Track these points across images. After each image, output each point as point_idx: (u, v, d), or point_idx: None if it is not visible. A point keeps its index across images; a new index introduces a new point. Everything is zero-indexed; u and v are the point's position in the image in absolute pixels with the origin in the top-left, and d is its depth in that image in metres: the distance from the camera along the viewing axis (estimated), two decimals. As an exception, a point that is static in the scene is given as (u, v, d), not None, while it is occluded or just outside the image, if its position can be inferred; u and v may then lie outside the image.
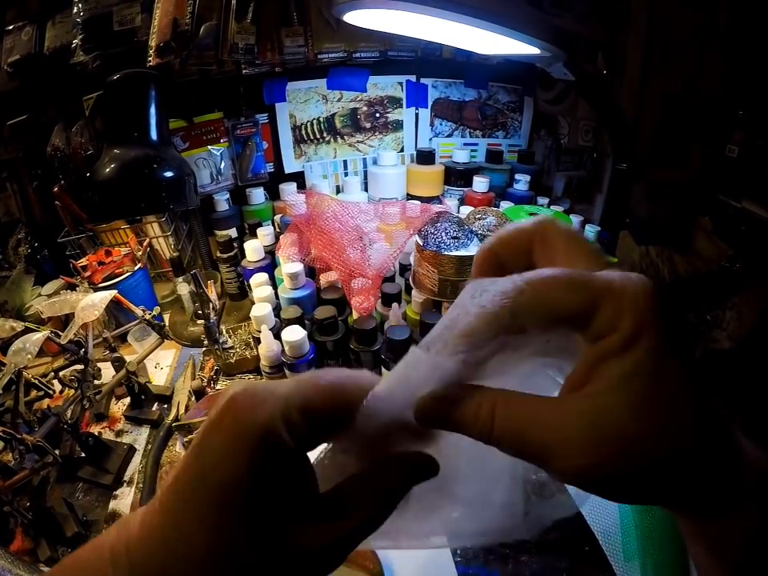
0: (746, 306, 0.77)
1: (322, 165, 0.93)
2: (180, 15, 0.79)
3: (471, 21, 0.56)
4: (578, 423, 0.16)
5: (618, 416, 0.16)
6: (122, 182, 0.63)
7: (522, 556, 0.51)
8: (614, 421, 0.16)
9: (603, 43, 0.89)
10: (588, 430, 0.16)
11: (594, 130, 0.92)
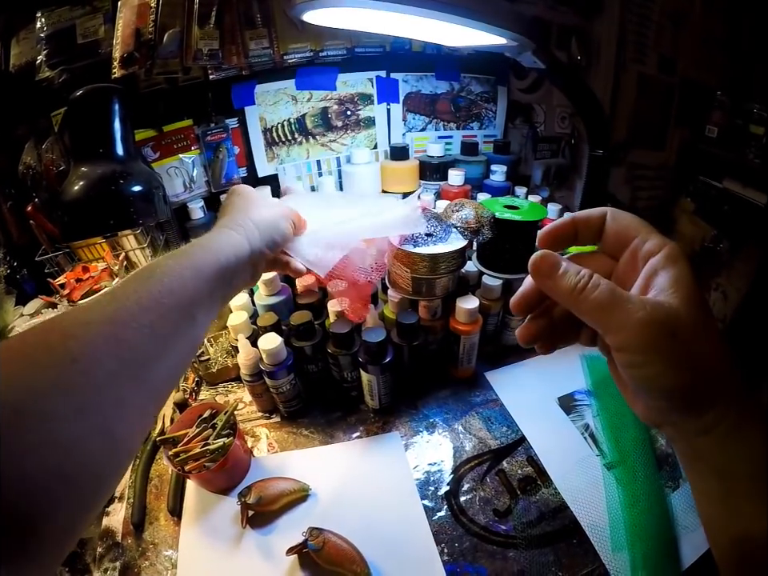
0: (730, 286, 0.76)
1: (295, 166, 0.92)
2: (142, 24, 0.78)
3: (433, 14, 0.55)
4: (643, 311, 0.22)
5: (669, 305, 0.22)
6: (90, 200, 0.62)
7: (510, 551, 0.51)
8: (666, 308, 0.22)
9: (576, 29, 0.88)
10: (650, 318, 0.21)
11: (570, 116, 0.91)
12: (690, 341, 0.21)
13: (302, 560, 0.51)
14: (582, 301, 0.23)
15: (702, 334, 0.22)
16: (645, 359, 0.22)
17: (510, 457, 0.60)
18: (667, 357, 0.21)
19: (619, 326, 0.22)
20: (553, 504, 0.55)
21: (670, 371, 0.22)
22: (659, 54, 0.84)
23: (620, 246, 0.26)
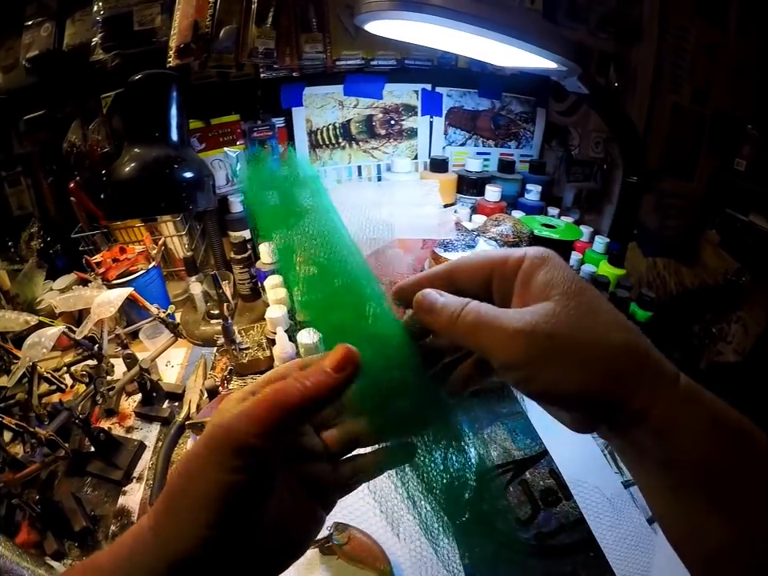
0: (751, 319, 0.78)
1: (336, 170, 0.94)
2: (200, 17, 0.80)
3: (490, 34, 0.57)
4: (514, 323, 0.20)
5: (540, 308, 0.21)
6: (142, 181, 0.63)
7: (530, 560, 0.52)
8: (537, 312, 0.20)
9: (615, 56, 0.91)
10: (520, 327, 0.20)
11: (605, 141, 0.93)
12: (572, 337, 0.20)
13: (324, 554, 0.52)
14: (457, 328, 0.22)
15: (588, 326, 0.20)
16: (529, 372, 0.20)
17: (533, 468, 0.62)
18: (551, 362, 0.20)
19: (494, 344, 0.21)
20: (572, 517, 0.56)
21: (561, 376, 0.20)
22: (693, 84, 0.86)
23: (483, 284, 0.24)
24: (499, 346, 0.20)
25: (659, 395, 0.20)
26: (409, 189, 0.71)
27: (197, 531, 0.19)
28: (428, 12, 0.53)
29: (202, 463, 0.20)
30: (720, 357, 0.80)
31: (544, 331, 0.20)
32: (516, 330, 0.20)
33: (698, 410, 0.20)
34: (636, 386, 0.20)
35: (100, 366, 0.64)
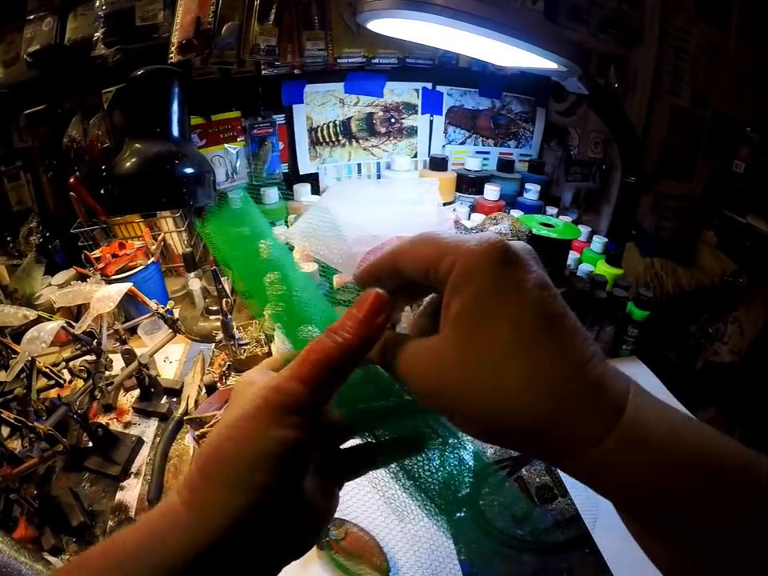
0: (747, 320, 0.78)
1: (336, 167, 0.94)
2: (203, 14, 0.80)
3: (491, 34, 0.57)
4: (421, 356, 0.19)
5: (444, 348, 0.19)
6: (143, 176, 0.64)
7: (525, 556, 0.52)
8: (440, 352, 0.19)
9: (615, 57, 0.91)
10: (426, 361, 0.19)
11: (604, 142, 0.94)
12: (462, 364, 0.18)
13: (321, 549, 0.53)
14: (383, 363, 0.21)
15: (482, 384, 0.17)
16: (437, 406, 0.19)
17: (529, 465, 0.62)
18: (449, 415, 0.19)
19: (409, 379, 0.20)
20: (568, 514, 0.57)
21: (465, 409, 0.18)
22: (693, 86, 0.87)
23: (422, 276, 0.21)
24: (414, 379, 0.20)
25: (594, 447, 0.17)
26: (408, 187, 0.71)
27: (247, 495, 0.18)
28: (430, 11, 0.54)
29: (256, 424, 0.19)
30: (716, 357, 0.81)
31: (435, 365, 0.19)
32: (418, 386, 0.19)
33: (645, 449, 0.17)
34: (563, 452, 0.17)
35: (98, 362, 0.64)
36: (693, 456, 0.16)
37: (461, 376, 0.18)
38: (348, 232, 0.62)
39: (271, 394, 0.19)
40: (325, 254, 0.62)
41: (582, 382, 0.17)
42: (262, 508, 0.19)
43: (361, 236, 0.63)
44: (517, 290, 0.18)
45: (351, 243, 0.63)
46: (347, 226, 0.63)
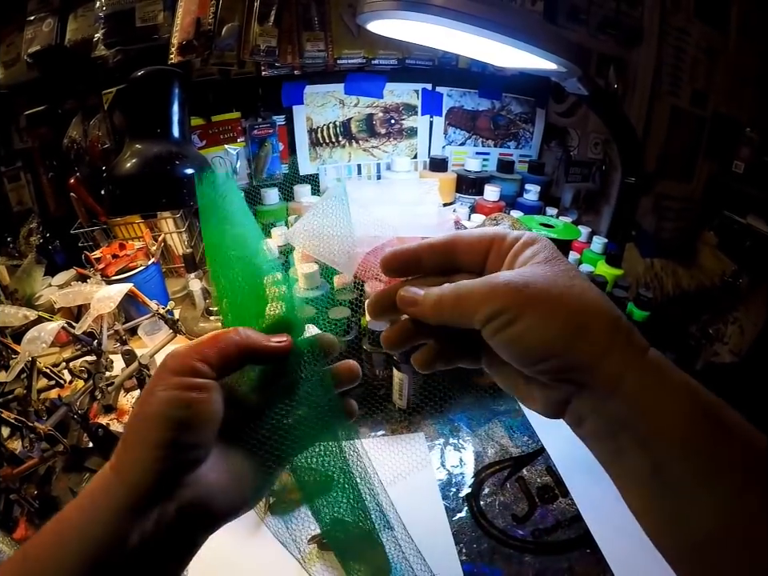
0: (747, 320, 0.78)
1: (336, 168, 0.94)
2: (203, 15, 0.81)
3: (491, 35, 0.57)
4: (492, 281, 0.22)
5: (516, 270, 0.22)
6: (144, 177, 0.64)
7: (526, 556, 0.52)
8: (512, 272, 0.22)
9: (615, 58, 0.92)
10: (498, 282, 0.22)
11: (604, 143, 0.94)
12: (549, 289, 0.21)
13: (322, 549, 0.52)
14: (443, 308, 0.23)
15: (563, 285, 0.21)
16: (506, 318, 0.21)
17: (530, 465, 0.62)
18: (527, 308, 0.20)
19: (474, 306, 0.22)
20: (569, 513, 0.57)
21: (536, 321, 0.20)
22: (693, 86, 0.87)
23: (481, 256, 0.26)
24: (481, 303, 0.22)
25: (632, 362, 0.20)
26: (408, 188, 0.71)
27: (152, 451, 0.21)
28: (430, 12, 0.54)
29: (154, 388, 0.22)
30: (716, 357, 0.81)
31: (519, 282, 0.21)
32: (493, 285, 0.22)
33: (672, 381, 0.19)
34: (607, 347, 0.20)
35: (99, 362, 0.64)
36: (708, 399, 0.19)
37: (548, 280, 0.21)
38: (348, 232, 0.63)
39: (166, 358, 0.23)
40: (325, 254, 0.62)
41: (623, 316, 0.21)
42: (168, 462, 0.21)
43: (360, 237, 0.63)
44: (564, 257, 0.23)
45: (351, 244, 0.63)
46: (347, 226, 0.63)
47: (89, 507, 0.21)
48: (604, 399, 0.20)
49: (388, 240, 0.66)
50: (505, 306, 0.21)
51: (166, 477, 0.21)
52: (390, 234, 0.64)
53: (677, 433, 0.19)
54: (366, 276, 0.64)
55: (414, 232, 0.66)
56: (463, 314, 0.22)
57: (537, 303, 0.20)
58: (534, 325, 0.20)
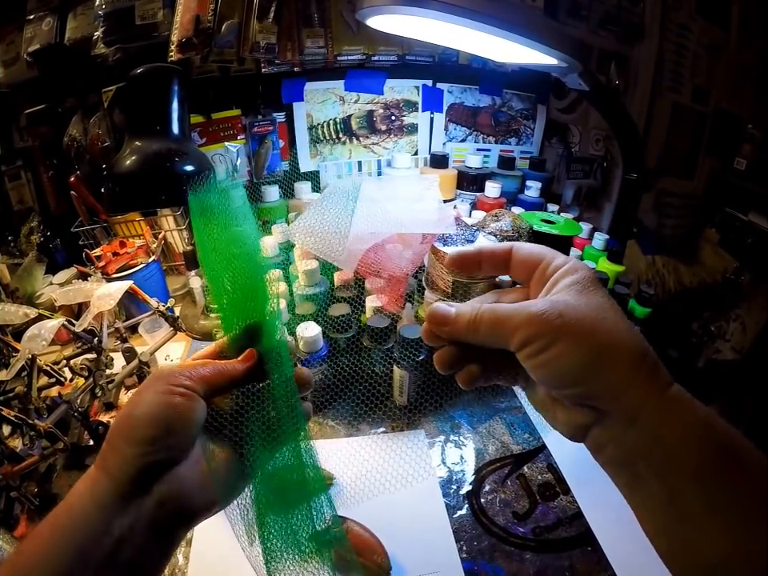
0: (749, 317, 0.78)
1: (336, 165, 0.94)
2: (202, 12, 0.80)
3: (492, 30, 0.57)
4: (529, 308, 0.23)
5: (555, 297, 0.24)
6: (143, 174, 0.63)
7: (527, 554, 0.52)
8: (551, 299, 0.23)
9: (616, 54, 0.91)
10: (536, 310, 0.23)
11: (605, 139, 0.94)
12: (581, 320, 0.22)
13: (323, 547, 0.52)
14: (479, 329, 0.24)
15: (598, 315, 0.22)
16: (539, 345, 0.22)
17: (531, 463, 0.62)
18: (559, 337, 0.22)
19: (512, 330, 0.23)
20: (570, 511, 0.56)
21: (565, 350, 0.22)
22: (694, 83, 0.86)
23: (528, 273, 0.27)
24: (517, 329, 0.23)
25: (652, 395, 0.21)
26: (409, 184, 0.71)
27: (138, 446, 0.23)
28: (430, 7, 0.53)
29: (143, 393, 0.25)
30: (718, 355, 0.80)
31: (555, 311, 0.22)
32: (531, 313, 0.23)
33: (691, 415, 0.21)
34: (630, 379, 0.21)
35: (99, 360, 0.64)
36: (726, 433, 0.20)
37: (582, 313, 0.22)
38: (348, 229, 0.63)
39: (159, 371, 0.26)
40: (325, 251, 0.62)
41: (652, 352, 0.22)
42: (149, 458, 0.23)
43: (361, 233, 0.63)
44: (603, 287, 0.25)
45: (352, 241, 0.63)
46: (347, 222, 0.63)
47: (77, 503, 0.23)
48: (623, 428, 0.21)
49: (389, 237, 0.67)
50: (539, 332, 0.22)
51: (146, 472, 0.23)
52: (389, 230, 0.65)
53: (690, 464, 0.20)
54: (366, 272, 0.64)
55: (414, 229, 0.66)
56: (500, 336, 0.24)
57: (569, 333, 0.22)
58: (564, 353, 0.22)
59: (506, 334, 0.23)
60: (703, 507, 0.19)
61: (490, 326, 0.24)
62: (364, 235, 0.62)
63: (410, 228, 0.63)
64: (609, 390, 0.21)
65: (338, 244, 0.62)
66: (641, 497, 0.22)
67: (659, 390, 0.21)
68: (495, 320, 0.24)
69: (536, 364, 0.23)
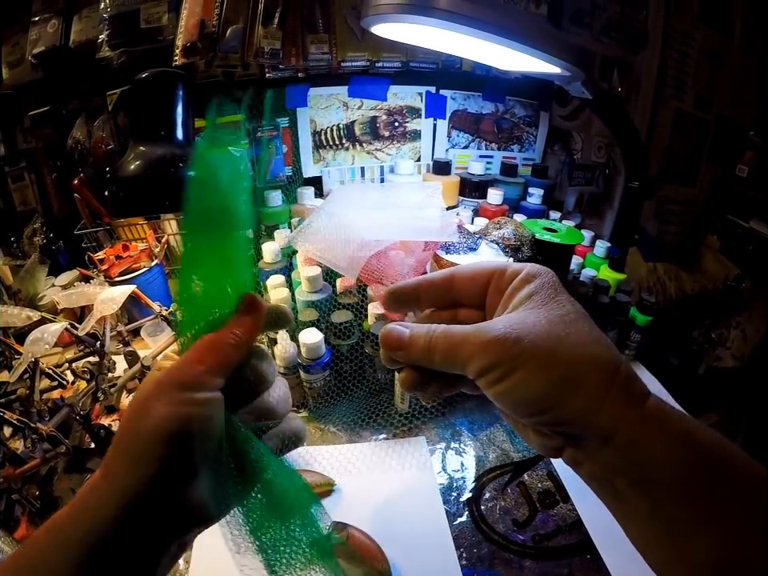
0: (750, 325, 0.78)
1: (339, 171, 0.94)
2: (207, 17, 0.81)
3: (495, 38, 0.57)
4: (485, 334, 0.21)
5: (510, 317, 0.22)
6: (147, 179, 0.64)
7: (526, 561, 0.52)
8: (505, 320, 0.22)
9: (619, 61, 0.91)
10: (491, 336, 0.21)
11: (607, 146, 0.94)
12: (541, 340, 0.20)
13: (324, 552, 0.52)
14: (431, 354, 0.23)
15: (557, 335, 0.21)
16: (498, 373, 0.21)
17: (531, 470, 0.62)
18: (519, 363, 0.20)
19: (468, 356, 0.21)
20: (569, 519, 0.57)
21: (528, 376, 0.20)
22: (696, 90, 0.87)
23: (480, 292, 0.26)
24: (472, 356, 0.21)
25: (626, 413, 0.20)
26: (411, 191, 0.71)
27: (148, 466, 0.21)
28: (434, 15, 0.54)
29: (154, 402, 0.22)
30: (719, 362, 0.81)
31: (512, 336, 0.21)
32: (486, 339, 0.21)
33: (668, 430, 0.20)
34: (600, 399, 0.20)
35: (102, 363, 0.65)
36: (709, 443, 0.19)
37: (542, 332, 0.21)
38: (351, 236, 0.63)
39: (168, 374, 0.23)
40: (328, 257, 0.62)
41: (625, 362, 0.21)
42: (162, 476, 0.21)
43: (364, 240, 0.63)
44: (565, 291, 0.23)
45: (354, 248, 0.64)
46: (350, 229, 0.63)
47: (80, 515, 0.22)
48: (597, 448, 0.20)
49: (391, 244, 0.67)
50: (497, 360, 0.21)
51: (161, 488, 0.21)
52: (392, 237, 0.65)
53: (670, 479, 0.19)
54: (369, 279, 0.64)
55: (416, 236, 0.66)
56: (455, 363, 0.22)
57: (529, 358, 0.20)
58: (525, 379, 0.20)
59: (462, 362, 0.22)
60: (688, 518, 0.19)
61: (444, 351, 0.22)
62: (367, 242, 0.62)
63: (413, 235, 0.63)
64: (578, 414, 0.20)
65: (340, 251, 0.62)
66: (623, 510, 0.21)
67: (633, 406, 0.20)
68: (449, 346, 0.22)
69: (496, 393, 0.21)
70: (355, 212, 0.65)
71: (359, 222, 0.63)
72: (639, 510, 0.20)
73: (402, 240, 0.66)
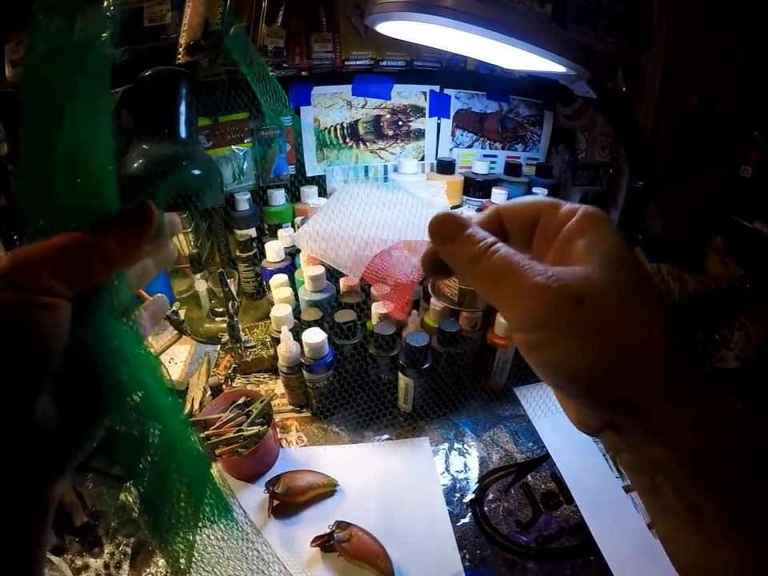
0: (754, 326, 0.78)
1: (343, 170, 0.94)
2: (211, 15, 0.80)
3: (500, 37, 0.57)
4: (548, 281, 0.18)
5: (577, 269, 0.18)
6: (150, 177, 0.64)
7: (529, 563, 0.52)
8: (571, 273, 0.18)
9: (623, 61, 0.91)
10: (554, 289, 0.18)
11: (611, 146, 0.94)
12: (604, 309, 0.17)
13: (326, 552, 0.53)
14: (477, 267, 0.19)
15: (625, 302, 0.18)
16: (545, 336, 0.18)
17: (535, 471, 0.62)
18: (573, 331, 0.17)
19: (512, 296, 0.18)
20: (573, 521, 0.57)
21: (579, 349, 0.17)
22: (701, 90, 0.86)
23: (527, 230, 0.22)
24: (519, 299, 0.18)
25: (680, 410, 0.17)
26: (416, 190, 0.71)
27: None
28: (439, 14, 0.53)
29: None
30: (723, 363, 0.80)
31: (574, 294, 0.17)
32: (543, 284, 0.17)
33: (722, 433, 0.18)
34: (655, 391, 0.17)
35: (105, 362, 0.65)
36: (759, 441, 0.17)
37: (603, 299, 0.18)
38: (355, 235, 0.63)
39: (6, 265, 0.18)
40: (332, 257, 0.62)
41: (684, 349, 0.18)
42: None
43: (368, 239, 0.63)
44: (631, 248, 0.20)
45: (358, 247, 0.63)
46: (353, 228, 0.63)
47: None
48: (642, 442, 0.19)
49: (395, 243, 0.67)
50: (547, 321, 0.18)
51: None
52: (395, 236, 0.65)
53: (716, 483, 0.17)
54: (373, 279, 0.64)
55: (420, 235, 0.66)
56: (496, 292, 0.19)
57: (585, 328, 0.17)
58: (572, 354, 0.18)
59: (505, 297, 0.19)
60: (726, 526, 0.17)
61: (491, 272, 0.19)
62: (370, 241, 0.62)
63: (417, 235, 0.63)
64: (626, 402, 0.18)
65: (344, 250, 0.62)
66: (659, 507, 0.19)
67: (688, 401, 0.18)
68: (501, 267, 0.19)
69: (537, 360, 0.19)
70: (359, 211, 0.65)
71: (363, 222, 0.63)
72: (678, 510, 0.18)
73: (405, 239, 0.66)
